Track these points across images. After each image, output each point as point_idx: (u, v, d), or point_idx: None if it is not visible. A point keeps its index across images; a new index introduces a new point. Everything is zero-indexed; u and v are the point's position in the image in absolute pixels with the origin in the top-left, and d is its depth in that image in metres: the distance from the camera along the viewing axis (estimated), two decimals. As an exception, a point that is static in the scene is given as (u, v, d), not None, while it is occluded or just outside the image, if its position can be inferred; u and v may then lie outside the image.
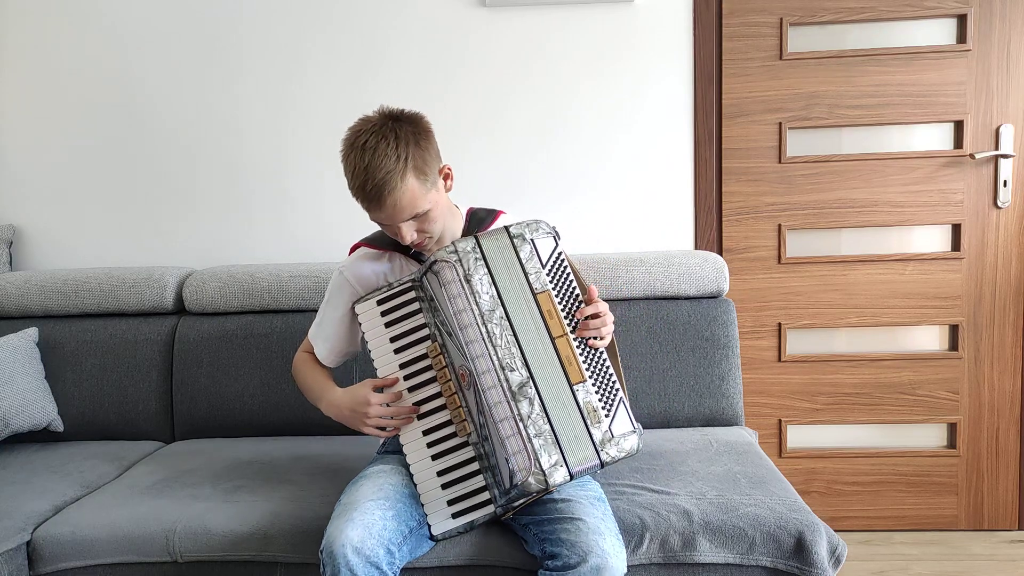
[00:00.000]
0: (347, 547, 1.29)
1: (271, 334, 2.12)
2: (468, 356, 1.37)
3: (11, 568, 1.56)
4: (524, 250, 1.42)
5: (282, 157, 2.39)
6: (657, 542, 1.47)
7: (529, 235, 1.44)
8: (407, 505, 1.43)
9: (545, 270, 1.42)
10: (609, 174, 2.35)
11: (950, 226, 2.36)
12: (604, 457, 1.36)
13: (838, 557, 1.46)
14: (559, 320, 1.40)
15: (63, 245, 2.46)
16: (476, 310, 1.38)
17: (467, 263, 1.40)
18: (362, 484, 1.46)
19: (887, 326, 2.39)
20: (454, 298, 1.39)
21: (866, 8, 2.29)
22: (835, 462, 2.43)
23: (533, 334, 1.39)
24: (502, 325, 1.38)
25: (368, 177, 1.41)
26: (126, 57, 2.39)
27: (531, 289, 1.41)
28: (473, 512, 1.44)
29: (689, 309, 2.07)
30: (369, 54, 2.35)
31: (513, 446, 1.33)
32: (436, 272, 1.42)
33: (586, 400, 1.37)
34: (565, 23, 2.30)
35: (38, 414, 2.05)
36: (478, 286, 1.39)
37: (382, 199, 1.42)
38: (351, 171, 1.44)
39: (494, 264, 1.41)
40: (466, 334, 1.38)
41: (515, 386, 1.36)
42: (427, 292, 1.46)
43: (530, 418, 1.34)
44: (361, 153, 1.43)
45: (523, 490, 1.33)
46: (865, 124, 2.33)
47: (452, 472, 1.44)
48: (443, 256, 1.41)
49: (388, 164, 1.41)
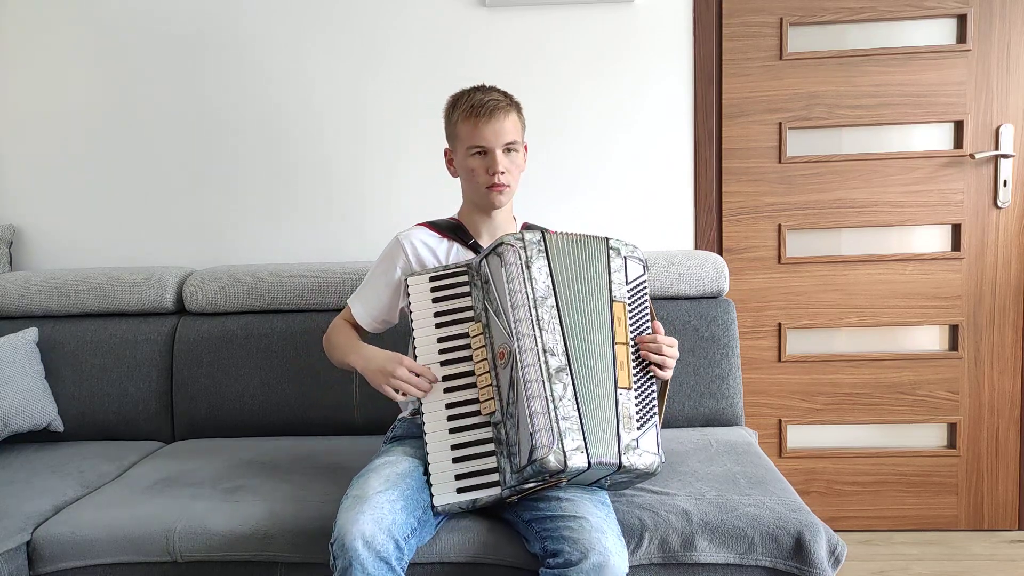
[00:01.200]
0: (358, 540, 1.30)
1: (271, 334, 2.12)
2: (514, 334, 1.44)
3: (11, 568, 1.56)
4: (616, 262, 1.54)
5: (283, 157, 2.39)
6: (656, 542, 1.47)
7: (624, 252, 1.56)
8: (414, 491, 1.45)
9: (627, 287, 1.54)
10: (609, 174, 2.35)
11: (950, 226, 2.36)
12: (624, 460, 1.39)
13: (837, 557, 1.46)
14: (626, 329, 1.50)
15: (63, 245, 2.46)
16: (530, 293, 1.47)
17: (530, 251, 1.50)
18: (370, 476, 1.47)
19: (887, 326, 2.39)
20: (512, 279, 1.47)
21: (866, 8, 2.29)
22: (835, 462, 2.43)
23: (594, 331, 1.47)
24: (551, 313, 1.46)
25: (486, 99, 1.62)
26: (126, 57, 2.39)
27: (610, 294, 1.51)
28: (478, 491, 1.45)
29: (689, 309, 2.07)
30: (369, 54, 2.35)
31: (540, 423, 1.37)
32: (500, 253, 1.50)
33: (625, 405, 1.44)
34: (565, 23, 2.31)
35: (38, 414, 2.05)
36: (536, 273, 1.48)
37: (493, 115, 1.61)
38: (466, 98, 1.64)
39: (560, 259, 1.51)
40: (516, 313, 1.45)
41: (553, 369, 1.42)
42: (483, 275, 1.52)
43: (561, 400, 1.40)
44: (479, 90, 1.66)
45: (540, 466, 1.35)
46: (865, 124, 2.33)
47: (466, 448, 1.46)
48: (510, 240, 1.51)
49: (501, 97, 1.65)
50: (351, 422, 2.07)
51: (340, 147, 2.38)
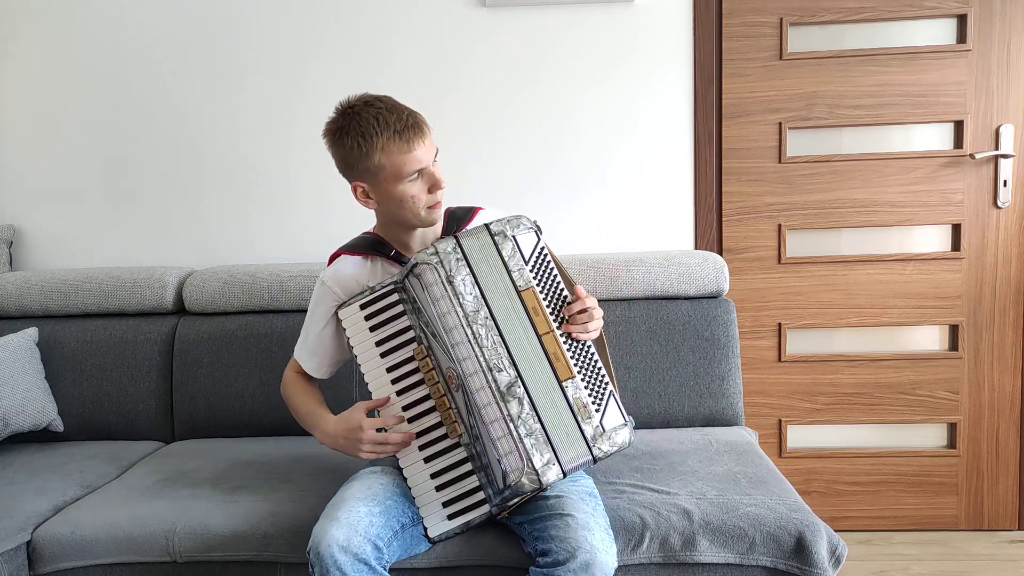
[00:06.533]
0: (333, 546, 1.29)
1: (271, 334, 2.12)
2: (455, 358, 1.38)
3: (11, 568, 1.56)
4: (506, 247, 1.41)
5: (284, 157, 2.39)
6: (657, 542, 1.47)
7: (511, 232, 1.42)
8: (396, 503, 1.43)
9: (528, 266, 1.41)
10: (609, 174, 2.35)
11: (950, 226, 2.36)
12: (596, 453, 1.36)
13: (838, 557, 1.46)
14: (545, 317, 1.39)
15: (63, 245, 2.46)
16: (460, 312, 1.38)
17: (448, 264, 1.39)
18: (351, 485, 1.47)
19: (887, 326, 2.39)
20: (437, 300, 1.39)
21: (866, 8, 2.29)
22: (835, 462, 2.43)
23: (519, 332, 1.38)
24: (487, 325, 1.38)
25: (399, 115, 1.44)
26: (126, 57, 2.39)
27: (515, 287, 1.40)
28: (469, 512, 1.43)
29: (689, 309, 2.07)
30: (371, 54, 2.34)
31: (504, 447, 1.34)
32: (418, 275, 1.41)
33: (576, 396, 1.37)
34: (565, 23, 2.30)
35: (38, 414, 2.05)
36: (461, 287, 1.39)
37: (418, 133, 1.44)
38: (373, 123, 1.43)
39: (476, 264, 1.40)
40: (451, 336, 1.38)
41: (503, 386, 1.36)
42: (410, 294, 1.45)
43: (520, 418, 1.35)
44: (378, 112, 1.44)
45: (516, 490, 1.34)
46: (865, 124, 2.33)
47: (446, 474, 1.44)
48: (423, 258, 1.40)
49: (404, 108, 1.46)
50: (351, 422, 2.07)
51: (340, 147, 2.38)
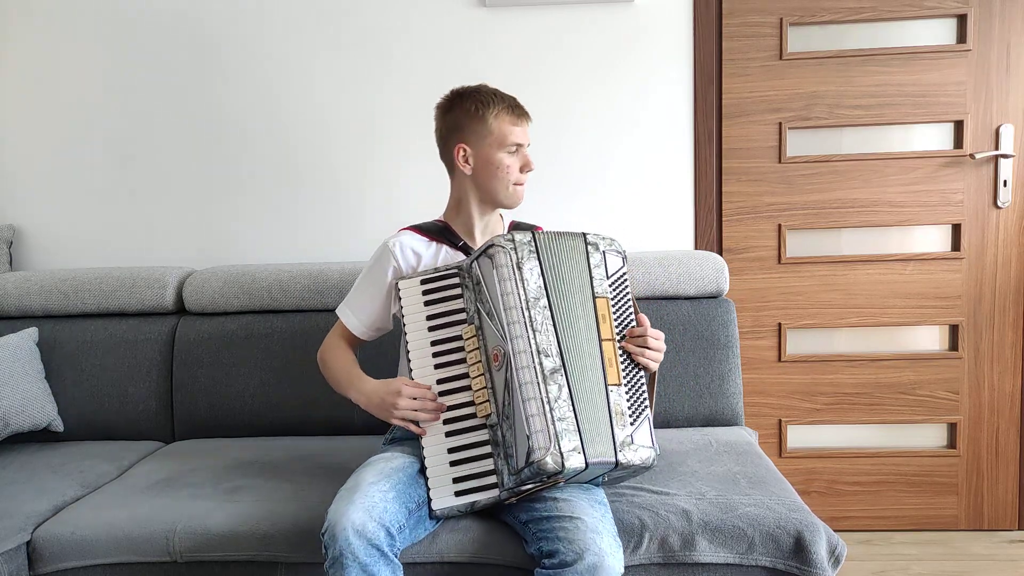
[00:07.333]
0: (348, 529, 1.30)
1: (271, 334, 2.12)
2: (507, 336, 1.43)
3: (11, 568, 1.56)
4: (595, 257, 1.53)
5: (284, 157, 2.39)
6: (656, 542, 1.47)
7: (603, 246, 1.55)
8: (408, 485, 1.45)
9: (608, 281, 1.52)
10: (609, 174, 2.35)
11: (950, 226, 2.36)
12: (620, 458, 1.40)
13: (837, 557, 1.46)
14: (610, 325, 1.49)
15: (63, 245, 2.46)
16: (522, 294, 1.46)
17: (521, 252, 1.49)
18: (365, 470, 1.48)
19: (887, 326, 2.39)
20: (504, 280, 1.46)
21: (866, 8, 2.29)
22: (835, 462, 2.43)
23: (581, 330, 1.46)
24: (544, 314, 1.45)
25: (516, 101, 1.66)
26: (125, 57, 2.39)
27: (592, 291, 1.50)
28: (476, 493, 1.45)
29: (689, 309, 2.07)
30: (372, 55, 2.34)
31: (536, 424, 1.37)
32: (491, 255, 1.48)
33: (616, 402, 1.44)
34: (565, 23, 2.30)
35: (38, 414, 2.05)
36: (528, 274, 1.47)
37: (525, 118, 1.66)
38: (493, 96, 1.64)
39: (549, 259, 1.50)
40: (509, 315, 1.44)
41: (547, 370, 1.41)
42: (474, 277, 1.51)
43: (556, 402, 1.39)
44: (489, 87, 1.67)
45: (538, 468, 1.35)
46: (865, 124, 2.33)
47: (464, 451, 1.47)
48: (500, 242, 1.49)
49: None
50: (351, 422, 2.07)
51: (341, 147, 2.38)
